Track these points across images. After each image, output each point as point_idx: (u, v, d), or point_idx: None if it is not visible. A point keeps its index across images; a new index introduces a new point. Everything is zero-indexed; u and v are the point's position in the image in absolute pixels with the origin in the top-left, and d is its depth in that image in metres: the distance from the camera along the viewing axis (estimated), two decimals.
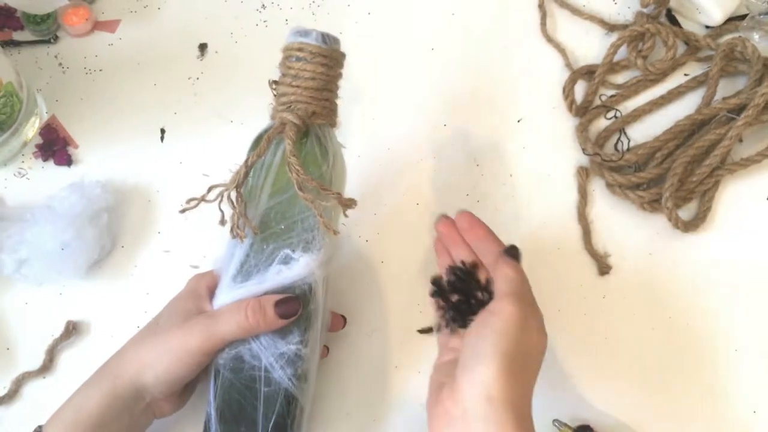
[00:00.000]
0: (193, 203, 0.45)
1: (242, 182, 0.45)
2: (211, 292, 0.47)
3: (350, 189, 0.50)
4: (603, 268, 0.56)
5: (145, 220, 0.58)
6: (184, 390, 0.47)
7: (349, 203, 0.46)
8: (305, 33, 0.47)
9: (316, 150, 0.46)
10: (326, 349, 0.51)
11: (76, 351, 0.54)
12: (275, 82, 0.49)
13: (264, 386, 0.44)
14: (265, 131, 0.47)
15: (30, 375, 0.52)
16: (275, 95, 0.49)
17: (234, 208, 0.44)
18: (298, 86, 0.46)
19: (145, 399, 0.44)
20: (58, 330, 0.54)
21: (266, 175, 0.46)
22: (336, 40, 0.48)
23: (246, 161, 0.45)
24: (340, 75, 0.49)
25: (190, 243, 0.57)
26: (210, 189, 0.45)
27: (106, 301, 0.55)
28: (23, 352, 0.53)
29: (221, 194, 0.45)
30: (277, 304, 0.44)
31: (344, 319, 0.52)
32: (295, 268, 0.45)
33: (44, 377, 0.53)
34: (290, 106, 0.46)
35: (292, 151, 0.44)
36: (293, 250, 0.45)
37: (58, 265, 0.53)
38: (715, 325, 0.55)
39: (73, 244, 0.53)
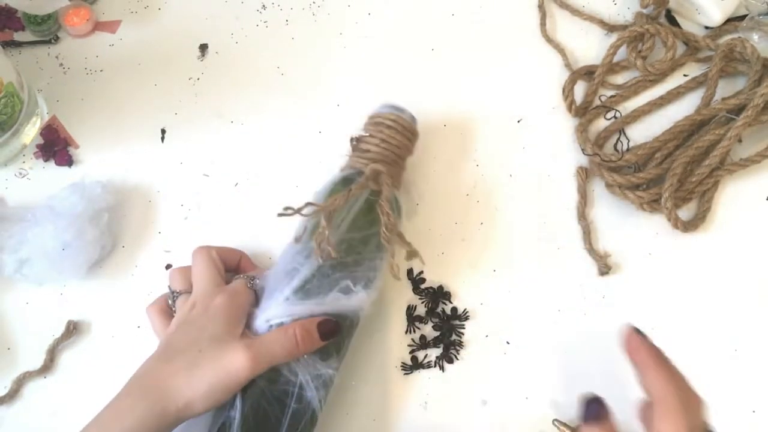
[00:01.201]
0: (289, 211, 0.47)
1: (337, 209, 0.48)
2: (246, 314, 0.47)
3: None
4: (603, 268, 0.56)
5: (146, 220, 0.58)
6: None
7: (416, 254, 0.51)
8: (400, 109, 0.54)
9: (393, 206, 0.50)
10: None
11: (76, 351, 0.54)
12: (357, 139, 0.55)
13: (294, 402, 0.45)
14: (351, 175, 0.51)
15: (31, 375, 0.52)
16: (355, 151, 0.54)
17: (324, 228, 0.47)
18: (385, 148, 0.53)
19: (187, 419, 0.44)
20: (59, 330, 0.54)
21: (348, 212, 0.49)
22: (416, 120, 0.55)
23: (348, 191, 0.48)
24: (413, 151, 0.56)
25: (190, 243, 0.57)
26: (307, 204, 0.47)
27: (106, 300, 0.55)
28: (24, 352, 0.54)
29: (316, 212, 0.47)
30: (320, 325, 0.46)
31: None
32: (353, 299, 0.48)
33: (45, 377, 0.53)
34: (376, 157, 0.52)
35: (388, 197, 0.49)
36: (354, 284, 0.48)
37: (59, 265, 0.53)
38: (715, 325, 0.55)
39: (74, 244, 0.53)
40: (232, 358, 0.43)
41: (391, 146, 0.53)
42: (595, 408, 0.38)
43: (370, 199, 0.50)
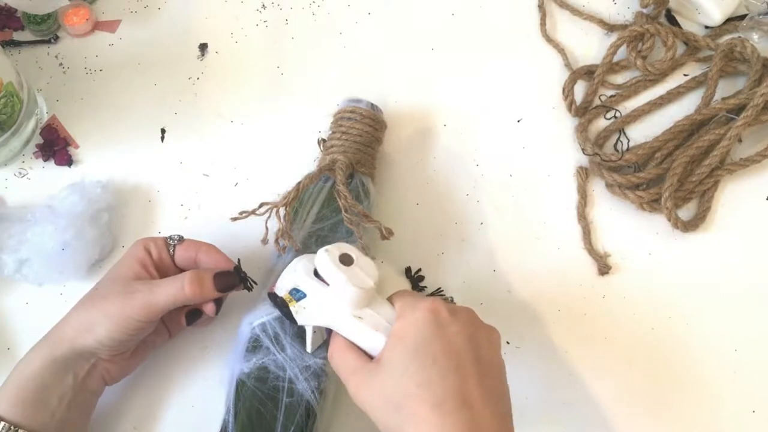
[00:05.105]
0: (243, 215, 0.49)
1: (291, 201, 0.49)
2: (158, 260, 0.49)
3: None
4: (603, 268, 0.56)
5: (146, 220, 0.58)
6: (133, 354, 0.48)
7: (389, 232, 0.50)
8: (357, 100, 0.56)
9: (360, 190, 0.53)
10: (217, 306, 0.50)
11: None
12: (323, 140, 0.56)
13: (286, 397, 0.45)
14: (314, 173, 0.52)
15: None
16: (322, 150, 0.55)
17: (281, 223, 0.48)
18: (347, 139, 0.54)
19: (90, 360, 0.46)
20: None
21: (312, 205, 0.52)
22: (380, 110, 0.57)
23: (298, 184, 0.50)
24: (381, 139, 0.57)
25: None
26: (261, 205, 0.49)
27: None
28: (24, 352, 0.53)
29: (270, 210, 0.49)
30: (216, 276, 0.46)
31: (217, 307, 0.50)
32: None
33: None
34: (338, 149, 0.53)
35: (342, 181, 0.50)
36: None
37: (59, 265, 0.53)
38: (715, 325, 0.55)
39: (74, 244, 0.53)
40: (122, 297, 0.45)
41: (352, 136, 0.54)
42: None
43: (333, 188, 0.51)
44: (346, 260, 0.43)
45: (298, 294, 0.43)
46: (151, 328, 0.47)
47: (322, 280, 0.43)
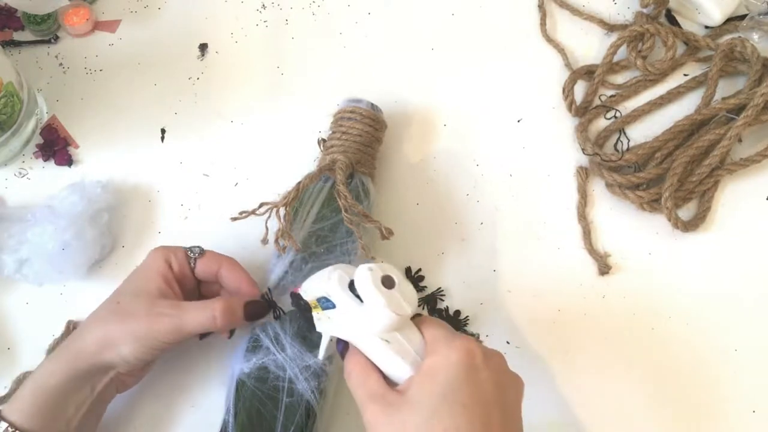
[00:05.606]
0: (243, 215, 0.49)
1: (291, 201, 0.49)
2: (179, 274, 0.48)
3: None
4: (603, 268, 0.56)
5: (146, 220, 0.58)
6: (146, 365, 0.49)
7: (389, 232, 0.50)
8: (357, 100, 0.56)
9: (360, 190, 0.53)
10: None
11: None
12: (323, 140, 0.56)
13: (286, 397, 0.45)
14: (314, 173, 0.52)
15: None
16: (322, 150, 0.55)
17: (281, 223, 0.48)
18: (347, 139, 0.54)
19: (109, 374, 0.46)
20: (59, 330, 0.54)
21: (312, 204, 0.52)
22: (380, 110, 0.57)
23: (298, 184, 0.50)
24: (381, 139, 0.57)
25: (190, 243, 0.57)
26: (261, 205, 0.49)
27: None
28: (24, 352, 0.54)
29: (270, 210, 0.49)
30: (246, 306, 0.47)
31: (230, 333, 0.50)
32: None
33: None
34: (338, 149, 0.53)
35: (342, 181, 0.50)
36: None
37: (59, 265, 0.53)
38: (715, 325, 0.55)
39: (74, 244, 0.53)
40: (150, 318, 0.45)
41: (352, 136, 0.54)
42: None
43: (333, 188, 0.51)
44: (388, 283, 0.40)
45: (326, 303, 0.41)
46: (175, 348, 0.47)
47: (357, 296, 0.41)
